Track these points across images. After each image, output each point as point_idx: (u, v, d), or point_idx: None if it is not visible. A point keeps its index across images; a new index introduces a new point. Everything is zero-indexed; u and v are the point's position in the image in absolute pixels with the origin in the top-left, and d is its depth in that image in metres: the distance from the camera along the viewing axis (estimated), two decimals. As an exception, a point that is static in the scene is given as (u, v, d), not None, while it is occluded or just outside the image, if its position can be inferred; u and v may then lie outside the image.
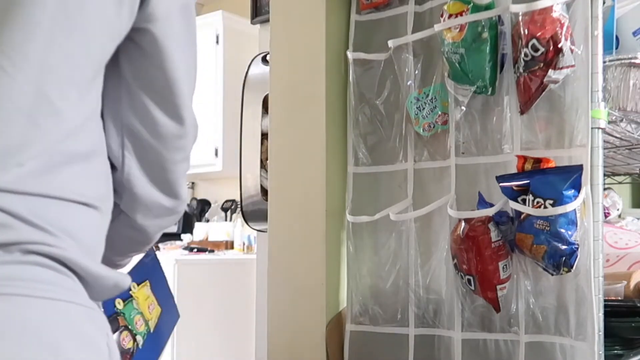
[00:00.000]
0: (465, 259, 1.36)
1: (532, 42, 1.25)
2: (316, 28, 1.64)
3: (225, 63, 4.47)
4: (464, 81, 1.39)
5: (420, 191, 1.54)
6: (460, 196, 1.44)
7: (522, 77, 1.30)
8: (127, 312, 1.10)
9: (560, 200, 1.23)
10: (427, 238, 1.50)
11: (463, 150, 1.45)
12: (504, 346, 1.39)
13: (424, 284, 1.50)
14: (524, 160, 1.31)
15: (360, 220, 1.57)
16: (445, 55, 1.39)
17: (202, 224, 4.72)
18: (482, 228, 1.33)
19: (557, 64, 1.24)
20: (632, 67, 1.41)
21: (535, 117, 1.34)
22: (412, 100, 1.51)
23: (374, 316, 1.57)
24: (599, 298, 1.26)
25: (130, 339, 1.09)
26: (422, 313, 1.51)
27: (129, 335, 1.09)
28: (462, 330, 1.44)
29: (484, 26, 1.32)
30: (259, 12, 2.53)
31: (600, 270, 1.27)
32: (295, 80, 1.70)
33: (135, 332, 1.11)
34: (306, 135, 1.65)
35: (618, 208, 2.23)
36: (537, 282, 1.35)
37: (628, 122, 1.48)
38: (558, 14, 1.24)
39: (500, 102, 1.38)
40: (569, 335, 1.30)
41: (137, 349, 1.10)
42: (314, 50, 1.64)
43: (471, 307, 1.43)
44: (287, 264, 1.69)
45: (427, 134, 1.51)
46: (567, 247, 1.23)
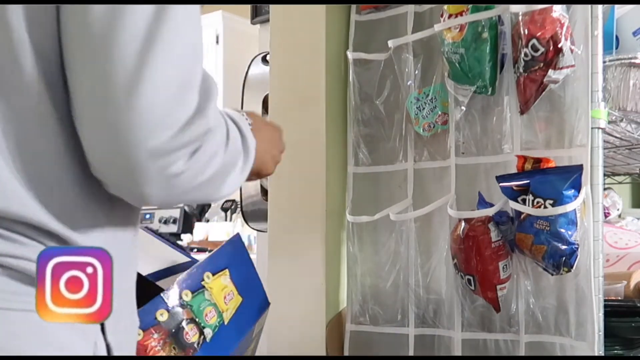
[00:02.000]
0: (465, 258, 1.36)
1: (532, 42, 1.25)
2: (316, 28, 1.64)
3: (225, 63, 4.46)
4: (464, 81, 1.39)
5: (420, 191, 1.54)
6: (460, 196, 1.44)
7: (522, 77, 1.30)
8: (195, 304, 1.05)
9: (560, 200, 1.23)
10: (427, 238, 1.50)
11: (463, 150, 1.45)
12: (504, 346, 1.39)
13: (424, 284, 1.50)
14: (524, 160, 1.31)
15: (360, 220, 1.57)
16: (445, 55, 1.39)
17: (202, 224, 4.72)
18: (482, 228, 1.33)
19: (557, 64, 1.24)
20: (632, 67, 1.41)
21: (535, 117, 1.34)
22: (412, 100, 1.51)
23: (374, 316, 1.57)
24: (599, 298, 1.26)
25: (195, 332, 1.05)
26: (422, 313, 1.51)
27: (194, 328, 1.05)
28: (462, 330, 1.44)
29: (484, 26, 1.32)
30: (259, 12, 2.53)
31: (600, 270, 1.27)
32: (295, 80, 1.70)
33: (204, 325, 1.06)
34: (306, 135, 1.64)
35: (618, 208, 2.23)
36: (537, 282, 1.35)
37: (628, 122, 1.48)
38: (558, 14, 1.24)
39: (500, 102, 1.38)
40: (569, 335, 1.30)
41: (204, 343, 1.06)
42: (314, 50, 1.64)
43: (471, 307, 1.43)
44: (287, 264, 1.69)
45: (427, 134, 1.51)
46: (567, 247, 1.23)
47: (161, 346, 1.03)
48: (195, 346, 1.05)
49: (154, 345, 1.03)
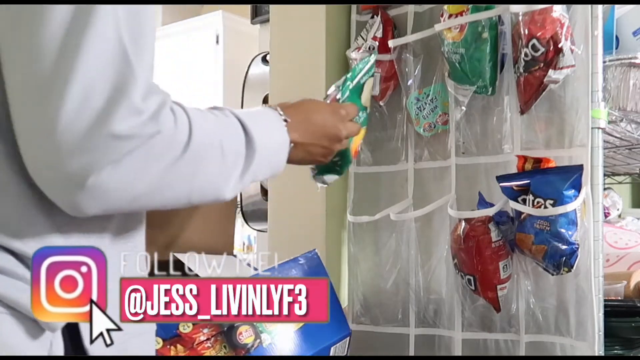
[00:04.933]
0: (465, 259, 1.36)
1: (533, 42, 1.25)
2: (316, 28, 1.64)
3: (225, 63, 4.46)
4: (464, 81, 1.39)
5: (421, 191, 1.54)
6: (460, 196, 1.44)
7: (522, 77, 1.30)
8: None
9: (561, 200, 1.23)
10: (427, 238, 1.50)
11: (463, 150, 1.46)
12: (504, 346, 1.39)
13: (425, 284, 1.50)
14: (524, 160, 1.31)
15: (360, 220, 1.57)
16: (445, 55, 1.39)
17: (202, 224, 4.71)
18: (483, 228, 1.33)
19: (558, 64, 1.24)
20: (632, 67, 1.41)
21: (535, 117, 1.34)
22: (413, 101, 1.51)
23: (375, 316, 1.57)
24: (599, 298, 1.26)
25: (250, 335, 1.05)
26: (423, 313, 1.51)
27: (249, 330, 1.05)
28: (462, 330, 1.44)
29: (484, 26, 1.32)
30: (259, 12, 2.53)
31: (600, 270, 1.27)
32: (295, 80, 1.70)
33: (262, 330, 1.06)
34: (306, 135, 1.64)
35: (618, 208, 2.23)
36: (537, 282, 1.35)
37: (628, 122, 1.48)
38: (558, 14, 1.24)
39: (500, 102, 1.38)
40: (569, 335, 1.30)
41: (259, 347, 1.06)
42: (314, 50, 1.64)
43: (471, 307, 1.43)
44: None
45: (427, 134, 1.51)
46: (568, 247, 1.23)
47: (211, 343, 1.02)
48: (249, 347, 1.05)
49: (203, 340, 1.03)
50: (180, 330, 1.05)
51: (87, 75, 0.64)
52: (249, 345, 1.05)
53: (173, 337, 1.05)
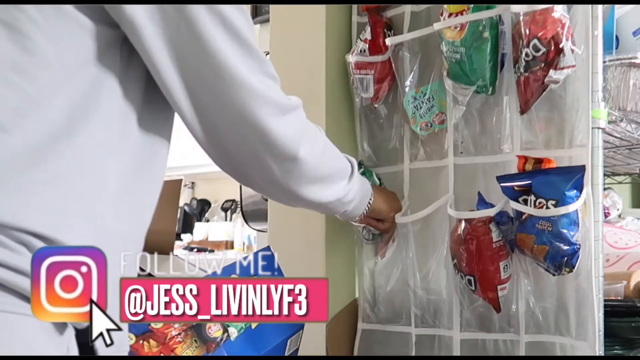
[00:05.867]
0: (466, 259, 1.36)
1: (534, 42, 1.25)
2: (316, 28, 1.64)
3: (225, 63, 4.45)
4: (463, 81, 1.39)
5: (419, 191, 1.54)
6: (458, 196, 1.44)
7: (522, 77, 1.30)
8: None
9: (563, 201, 1.23)
10: (426, 238, 1.50)
11: (461, 149, 1.45)
12: (503, 346, 1.39)
13: (424, 284, 1.50)
14: (525, 160, 1.31)
15: (360, 221, 1.57)
16: (444, 54, 1.39)
17: (202, 223, 4.72)
18: (484, 228, 1.33)
19: (558, 64, 1.24)
20: (632, 67, 1.41)
21: (535, 117, 1.34)
22: (409, 99, 1.51)
23: (379, 315, 1.58)
24: (599, 298, 1.26)
25: (218, 329, 1.08)
26: (422, 313, 1.51)
27: (217, 324, 1.08)
28: (461, 330, 1.44)
29: (484, 26, 1.32)
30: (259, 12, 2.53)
31: (600, 270, 1.27)
32: (295, 80, 1.70)
33: (228, 324, 1.09)
34: (306, 135, 1.64)
35: (618, 208, 2.24)
36: (538, 282, 1.35)
37: (628, 122, 1.48)
38: (559, 14, 1.24)
39: (500, 102, 1.38)
40: (569, 335, 1.30)
41: (227, 340, 1.09)
42: (314, 51, 1.64)
43: (470, 307, 1.43)
44: (287, 264, 1.69)
45: (424, 133, 1.51)
46: (569, 248, 1.23)
47: (182, 337, 1.04)
48: (219, 341, 1.07)
49: (174, 334, 1.05)
50: (152, 326, 1.08)
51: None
52: (218, 338, 1.08)
53: (145, 332, 1.08)
